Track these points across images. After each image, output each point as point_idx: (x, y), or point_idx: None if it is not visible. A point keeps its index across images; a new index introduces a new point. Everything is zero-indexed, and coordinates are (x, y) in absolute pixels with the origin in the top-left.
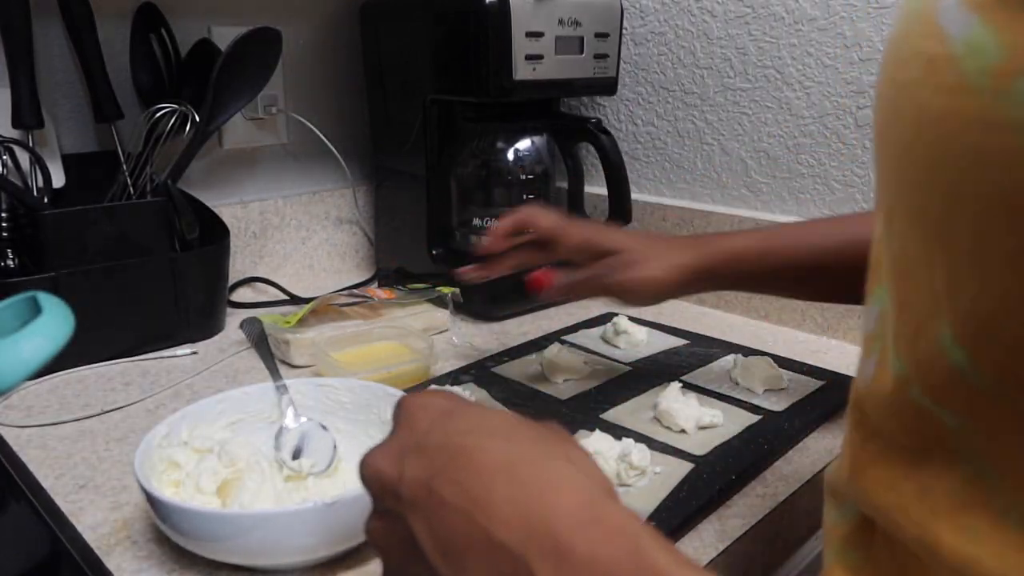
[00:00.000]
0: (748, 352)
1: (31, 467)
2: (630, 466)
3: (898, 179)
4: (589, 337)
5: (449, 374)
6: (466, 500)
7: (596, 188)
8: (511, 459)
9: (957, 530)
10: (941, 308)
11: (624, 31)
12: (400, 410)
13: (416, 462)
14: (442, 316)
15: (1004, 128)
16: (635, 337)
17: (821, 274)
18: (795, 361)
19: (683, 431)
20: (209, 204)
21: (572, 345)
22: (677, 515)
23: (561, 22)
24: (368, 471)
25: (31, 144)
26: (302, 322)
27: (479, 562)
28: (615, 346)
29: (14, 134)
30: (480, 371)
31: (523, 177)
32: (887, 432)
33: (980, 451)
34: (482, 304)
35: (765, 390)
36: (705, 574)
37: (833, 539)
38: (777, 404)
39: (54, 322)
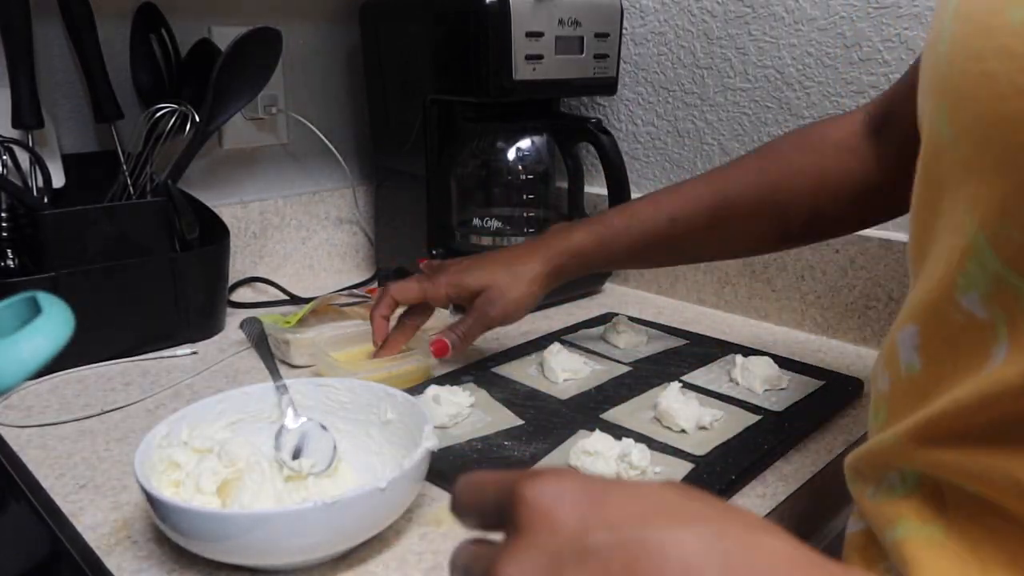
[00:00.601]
0: (748, 352)
1: (31, 467)
2: (630, 466)
3: (1019, 171)
4: (589, 337)
5: (449, 374)
6: None
7: (596, 188)
8: (714, 544)
9: None
10: None
11: (624, 31)
12: (522, 504)
13: (583, 571)
14: (442, 316)
15: None
16: (635, 337)
17: (651, 251)
18: (795, 361)
19: (683, 431)
20: (209, 204)
21: (572, 345)
22: None
23: (561, 22)
24: None
25: (31, 144)
26: (302, 322)
27: None
28: (615, 346)
29: (14, 134)
30: (480, 371)
31: (523, 177)
32: (1014, 407)
33: None
34: None
35: (765, 390)
36: None
37: (891, 516)
38: (777, 404)
39: (54, 322)
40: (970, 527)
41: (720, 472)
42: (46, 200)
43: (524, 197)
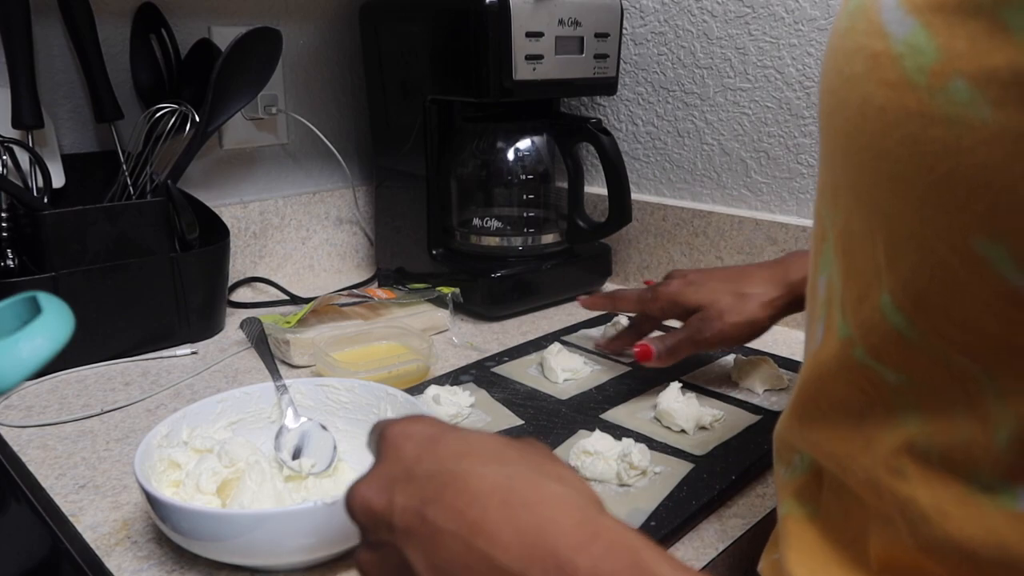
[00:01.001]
0: (748, 352)
1: (31, 467)
2: (630, 466)
3: (844, 162)
4: (589, 337)
5: (449, 374)
6: (463, 526)
7: (596, 188)
8: (505, 482)
9: (894, 473)
10: (882, 277)
11: (624, 31)
12: (382, 439)
13: (407, 491)
14: (442, 316)
15: (939, 122)
16: None
17: None
18: (795, 361)
19: (683, 431)
20: (209, 204)
21: (572, 345)
22: (677, 515)
23: (561, 22)
24: (356, 503)
25: (31, 144)
26: (302, 322)
27: None
28: None
29: (14, 134)
30: (480, 371)
31: (523, 177)
32: (835, 390)
33: (915, 403)
34: (482, 304)
35: (765, 390)
36: None
37: (786, 494)
38: (777, 404)
39: (54, 322)
40: (834, 505)
41: (720, 472)
42: (46, 200)
43: (524, 197)
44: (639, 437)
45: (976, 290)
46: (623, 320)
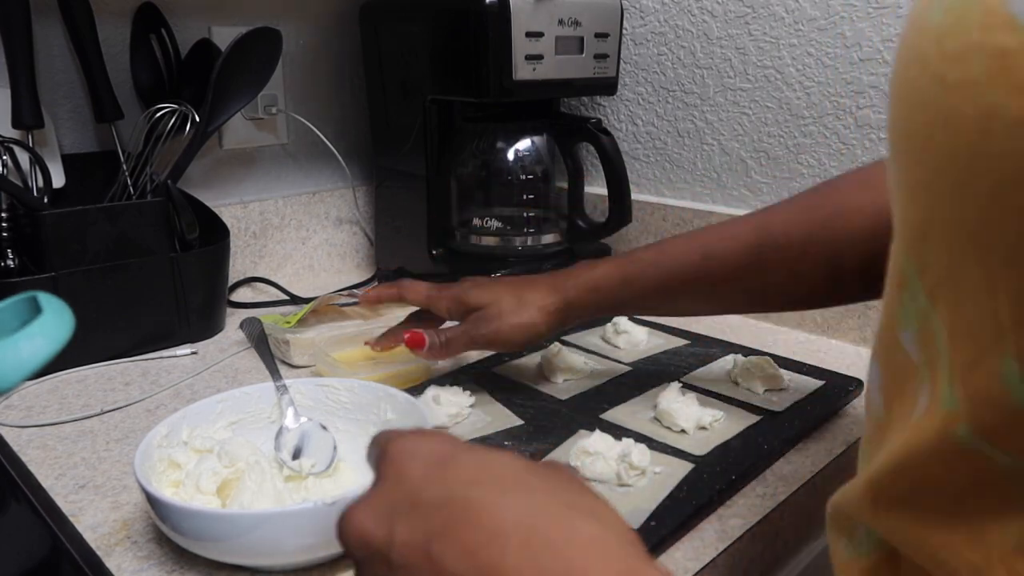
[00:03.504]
0: (748, 352)
1: (31, 467)
2: (630, 466)
3: (943, 192)
4: (589, 337)
5: (449, 374)
6: (474, 568)
7: (596, 188)
8: (526, 518)
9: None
10: (1006, 340)
11: (624, 31)
12: (384, 457)
13: (409, 522)
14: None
15: None
16: (635, 337)
17: (681, 292)
18: (795, 361)
19: (683, 431)
20: (209, 204)
21: (572, 345)
22: (677, 515)
23: (561, 22)
24: (351, 532)
25: (31, 144)
26: (302, 322)
27: None
28: (615, 346)
29: (14, 134)
30: (480, 371)
31: (523, 177)
32: (929, 470)
33: None
34: None
35: (765, 390)
36: None
37: (851, 575)
38: (777, 404)
39: (54, 322)
40: None
41: (720, 472)
42: (46, 200)
43: (524, 197)
44: (639, 437)
45: None
46: (623, 320)
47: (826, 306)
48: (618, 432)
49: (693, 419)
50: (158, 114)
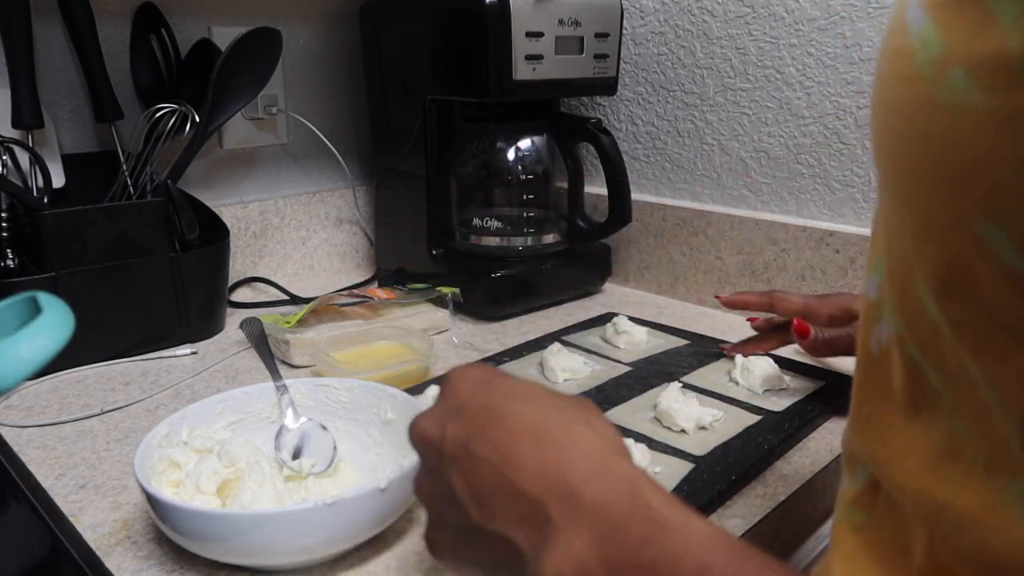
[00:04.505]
0: (748, 352)
1: (31, 467)
2: None
3: (880, 161)
4: (589, 337)
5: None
6: (497, 456)
7: (596, 188)
8: (537, 422)
9: (936, 479)
10: (914, 268)
11: (624, 31)
12: (446, 380)
13: (457, 424)
14: (442, 316)
15: (941, 111)
16: (635, 337)
17: None
18: (795, 361)
19: (683, 431)
20: (209, 204)
21: (572, 345)
22: None
23: (561, 22)
24: (415, 432)
25: (31, 144)
26: (302, 322)
27: (506, 507)
28: (615, 346)
29: (14, 134)
30: None
31: (523, 177)
32: (888, 387)
33: (953, 405)
34: (482, 304)
35: (765, 390)
36: (691, 513)
37: (843, 501)
38: (777, 404)
39: (54, 322)
40: (886, 516)
41: (720, 472)
42: (46, 200)
43: (524, 197)
44: (639, 437)
45: (987, 276)
46: (623, 320)
47: None
48: (618, 432)
49: (693, 419)
50: (158, 114)
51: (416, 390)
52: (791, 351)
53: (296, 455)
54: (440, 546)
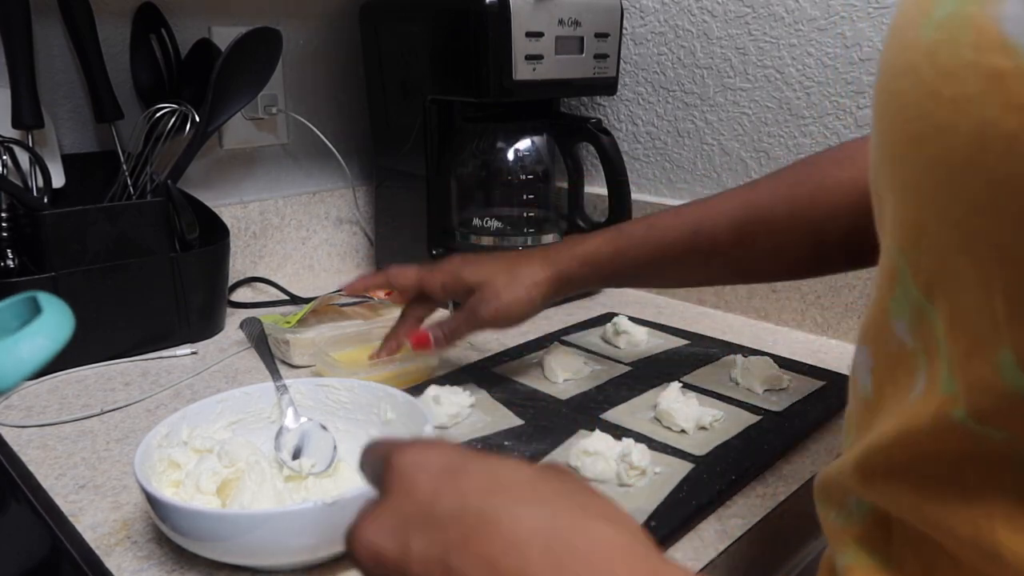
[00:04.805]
0: (748, 352)
1: (31, 467)
2: (630, 466)
3: (937, 195)
4: (589, 337)
5: (449, 374)
6: None
7: (596, 188)
8: (545, 525)
9: (1015, 530)
10: (1002, 332)
11: (624, 31)
12: (389, 470)
13: (425, 536)
14: (442, 316)
15: None
16: (635, 337)
17: (671, 265)
18: (795, 361)
19: (683, 431)
20: (209, 204)
21: (572, 345)
22: (677, 515)
23: (561, 22)
24: (363, 550)
25: (31, 144)
26: (302, 322)
27: None
28: (615, 346)
29: (14, 134)
30: (480, 371)
31: (523, 177)
32: (927, 445)
33: None
34: None
35: (765, 390)
36: None
37: (845, 541)
38: (777, 404)
39: (54, 322)
40: (910, 558)
41: (720, 472)
42: (46, 200)
43: (524, 197)
44: (639, 437)
45: None
46: (623, 320)
47: (812, 276)
48: (618, 432)
49: (693, 419)
50: (158, 114)
51: (416, 390)
52: (791, 351)
53: (296, 455)
54: None
